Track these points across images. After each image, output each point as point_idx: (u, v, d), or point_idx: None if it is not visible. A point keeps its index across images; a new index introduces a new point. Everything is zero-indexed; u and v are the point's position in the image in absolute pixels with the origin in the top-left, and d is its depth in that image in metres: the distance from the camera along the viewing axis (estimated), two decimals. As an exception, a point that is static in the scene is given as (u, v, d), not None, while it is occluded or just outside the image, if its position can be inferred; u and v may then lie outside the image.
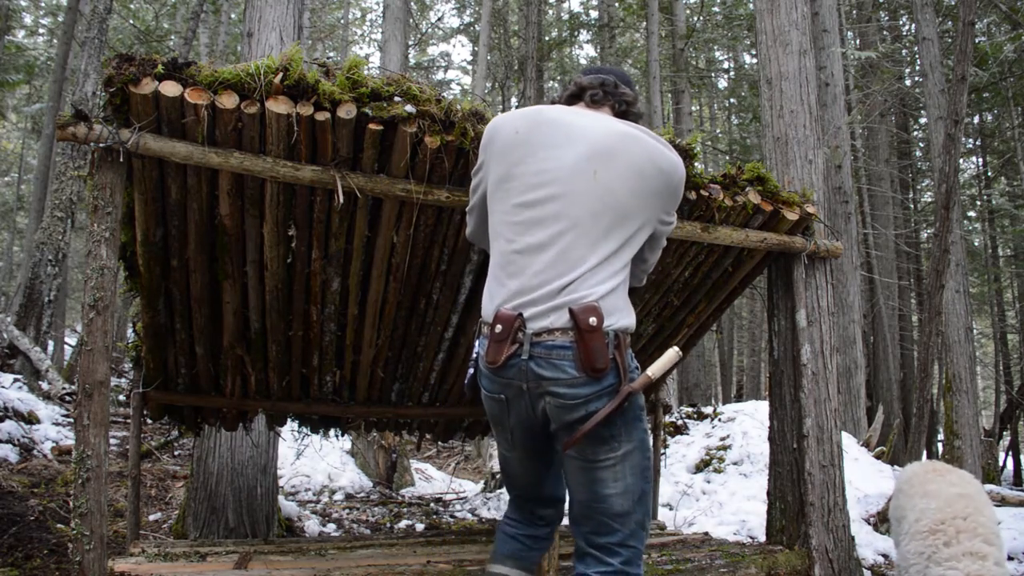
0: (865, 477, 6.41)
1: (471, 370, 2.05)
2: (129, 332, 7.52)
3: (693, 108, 17.44)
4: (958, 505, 2.87)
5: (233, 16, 15.05)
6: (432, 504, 6.89)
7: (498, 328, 1.89)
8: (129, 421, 5.21)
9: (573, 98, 2.16)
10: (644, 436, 1.94)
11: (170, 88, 2.34)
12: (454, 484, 7.63)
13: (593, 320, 1.81)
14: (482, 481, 7.98)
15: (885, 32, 16.12)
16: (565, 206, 1.88)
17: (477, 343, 2.02)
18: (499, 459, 2.17)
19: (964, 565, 2.70)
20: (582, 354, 1.81)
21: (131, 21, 15.35)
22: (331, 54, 20.48)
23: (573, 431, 1.85)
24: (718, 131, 20.17)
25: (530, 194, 1.93)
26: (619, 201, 1.89)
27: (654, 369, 1.90)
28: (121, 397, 8.45)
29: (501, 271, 1.96)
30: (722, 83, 20.40)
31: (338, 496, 6.82)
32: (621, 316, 1.89)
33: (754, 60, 17.19)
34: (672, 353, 1.93)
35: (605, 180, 1.88)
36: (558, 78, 20.26)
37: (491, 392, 1.97)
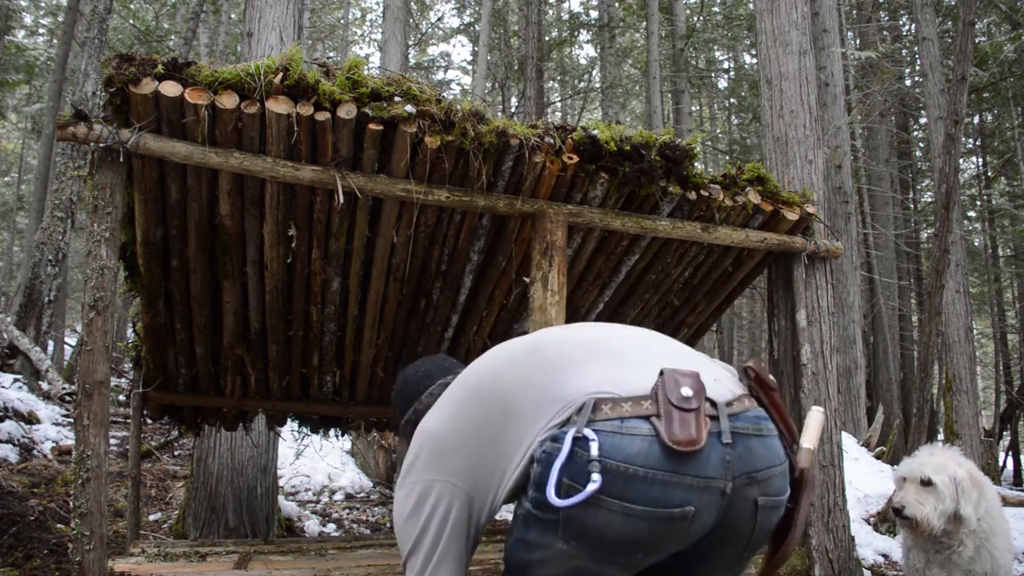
0: (865, 477, 6.41)
1: (588, 489, 1.16)
2: (129, 332, 7.51)
3: (693, 108, 17.43)
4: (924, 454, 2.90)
5: (233, 16, 15.04)
6: None
7: (685, 392, 1.21)
8: (129, 421, 5.21)
9: None
10: None
11: (170, 88, 2.34)
12: (454, 484, 7.62)
13: (772, 378, 1.35)
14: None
15: (885, 32, 16.12)
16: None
17: (578, 441, 1.21)
18: None
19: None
20: (783, 426, 1.32)
21: (131, 21, 15.35)
22: (331, 54, 20.47)
23: (761, 545, 1.32)
24: (718, 131, 20.17)
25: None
26: None
27: (812, 440, 1.45)
28: (121, 397, 8.44)
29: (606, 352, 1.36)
30: (722, 83, 20.40)
31: (338, 496, 6.82)
32: None
33: (754, 60, 17.19)
34: (820, 416, 1.50)
35: None
36: (558, 78, 20.27)
37: (667, 506, 1.18)
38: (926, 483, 2.73)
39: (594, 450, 1.17)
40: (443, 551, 1.33)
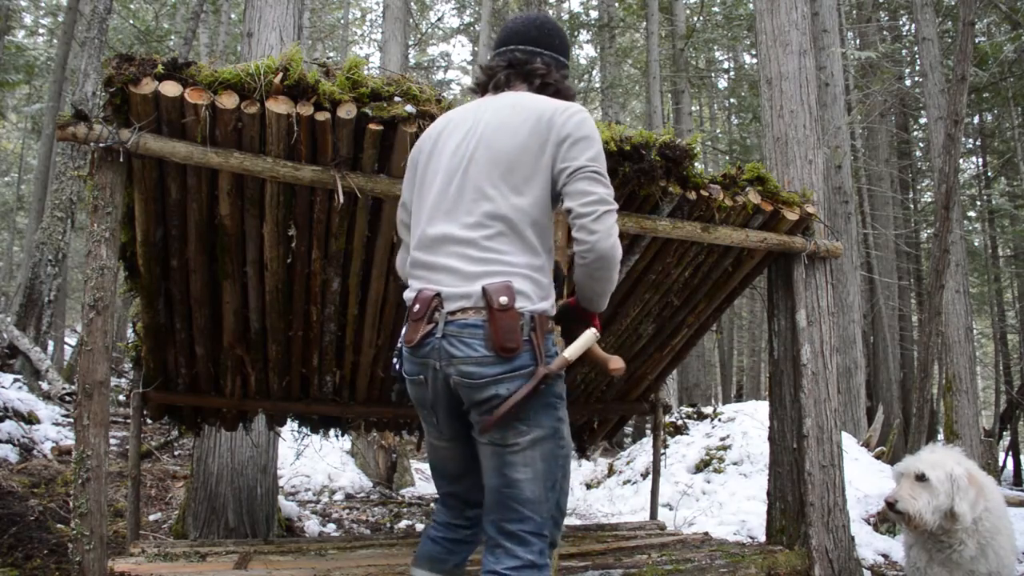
0: (865, 477, 6.40)
1: (395, 362, 2.03)
2: (129, 332, 7.51)
3: (693, 108, 17.44)
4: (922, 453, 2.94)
5: (233, 16, 15.05)
6: (432, 504, 6.89)
7: (416, 308, 1.91)
8: (129, 421, 5.21)
9: (482, 87, 2.11)
10: (559, 424, 1.91)
11: (170, 88, 2.34)
12: (454, 484, 7.62)
13: (504, 299, 1.81)
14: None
15: (885, 32, 16.12)
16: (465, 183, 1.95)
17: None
18: (428, 453, 2.14)
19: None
20: (492, 333, 1.81)
21: (131, 21, 15.35)
22: (331, 54, 20.48)
23: (484, 412, 1.84)
24: (718, 131, 20.17)
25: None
26: (506, 159, 1.90)
27: (571, 350, 1.89)
28: (121, 397, 8.44)
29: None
30: (722, 83, 20.41)
31: (338, 496, 6.82)
32: (539, 299, 1.88)
33: (754, 60, 17.19)
34: (590, 333, 1.92)
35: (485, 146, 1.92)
36: (558, 78, 20.22)
37: (411, 374, 1.96)
38: (920, 478, 2.75)
39: (399, 343, 2.00)
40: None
